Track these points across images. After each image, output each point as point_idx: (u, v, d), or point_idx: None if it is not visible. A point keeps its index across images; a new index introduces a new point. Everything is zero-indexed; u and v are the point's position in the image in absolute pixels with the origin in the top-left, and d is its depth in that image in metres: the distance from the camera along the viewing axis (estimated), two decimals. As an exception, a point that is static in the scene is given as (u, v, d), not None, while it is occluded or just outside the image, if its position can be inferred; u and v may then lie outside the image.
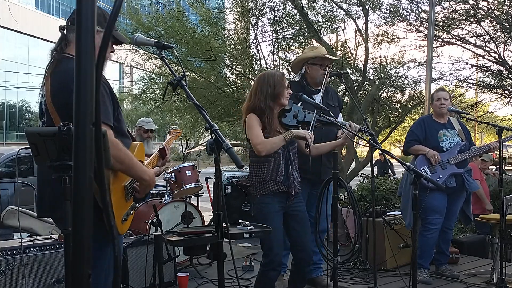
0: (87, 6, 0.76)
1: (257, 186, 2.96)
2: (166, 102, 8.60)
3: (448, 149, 4.10)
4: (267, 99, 2.93)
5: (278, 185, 2.93)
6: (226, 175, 6.26)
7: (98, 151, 0.79)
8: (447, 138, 4.14)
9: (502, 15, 7.67)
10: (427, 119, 4.29)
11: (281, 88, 2.96)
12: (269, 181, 2.92)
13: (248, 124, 2.94)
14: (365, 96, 7.60)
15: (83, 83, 0.76)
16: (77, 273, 0.77)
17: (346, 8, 7.38)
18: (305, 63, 3.83)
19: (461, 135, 4.20)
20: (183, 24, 7.63)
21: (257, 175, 2.97)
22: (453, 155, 4.08)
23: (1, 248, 3.17)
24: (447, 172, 4.05)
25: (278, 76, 3.02)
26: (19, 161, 7.37)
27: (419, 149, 4.15)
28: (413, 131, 4.27)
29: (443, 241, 4.23)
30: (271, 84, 2.96)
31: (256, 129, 2.90)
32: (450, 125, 4.24)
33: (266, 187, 2.93)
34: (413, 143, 4.19)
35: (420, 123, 4.27)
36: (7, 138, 30.52)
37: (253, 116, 2.93)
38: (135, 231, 4.27)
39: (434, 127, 4.19)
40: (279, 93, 2.95)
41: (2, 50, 30.39)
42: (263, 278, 2.98)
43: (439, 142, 4.12)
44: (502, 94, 9.00)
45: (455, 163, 4.06)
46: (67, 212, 1.54)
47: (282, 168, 2.94)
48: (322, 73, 3.77)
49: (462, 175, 4.11)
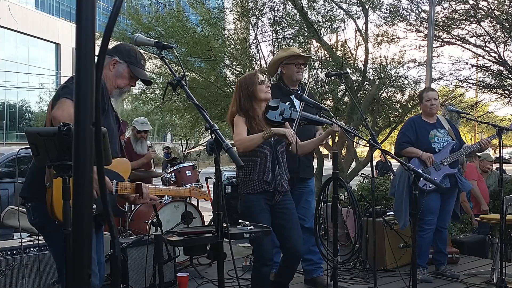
0: (87, 6, 0.76)
1: (244, 185, 3.00)
2: (166, 102, 8.59)
3: (440, 150, 4.10)
4: (245, 101, 3.03)
5: (266, 184, 2.96)
6: (226, 175, 6.26)
7: (98, 151, 0.79)
8: (438, 138, 4.14)
9: (502, 15, 7.67)
10: (417, 120, 4.25)
11: (253, 85, 3.03)
12: (257, 180, 2.96)
13: (234, 124, 3.03)
14: (365, 96, 7.59)
15: (83, 83, 0.76)
16: (77, 273, 0.77)
17: (346, 8, 7.37)
18: (280, 64, 3.84)
19: (451, 133, 4.20)
20: (183, 24, 7.63)
21: (243, 174, 3.01)
22: (446, 156, 4.08)
23: (1, 248, 3.18)
24: (442, 173, 4.06)
25: (249, 76, 3.13)
26: (19, 161, 7.36)
27: (412, 151, 4.12)
28: (404, 132, 4.21)
29: (440, 240, 4.24)
30: (243, 86, 3.06)
31: (238, 128, 2.97)
32: (439, 124, 4.23)
33: (253, 186, 2.96)
34: (405, 145, 4.14)
35: (411, 124, 4.22)
36: (7, 138, 30.51)
37: (239, 118, 3.01)
38: (135, 231, 4.27)
39: (425, 127, 4.17)
40: (253, 90, 3.03)
41: (2, 50, 30.38)
42: (256, 274, 3.03)
43: (431, 143, 4.11)
44: (502, 94, 8.99)
45: (448, 164, 4.07)
46: (67, 212, 1.54)
47: (269, 167, 2.97)
48: (298, 71, 3.79)
49: (455, 175, 4.14)
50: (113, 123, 2.35)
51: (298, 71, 3.79)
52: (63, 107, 1.98)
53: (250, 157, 2.98)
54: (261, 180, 2.96)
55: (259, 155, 2.98)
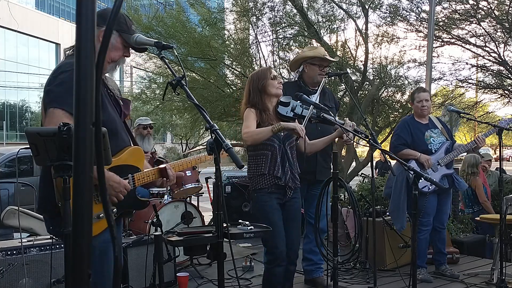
0: (87, 6, 0.76)
1: (255, 180, 2.98)
2: (166, 102, 8.58)
3: (436, 151, 4.11)
4: (254, 95, 3.02)
5: (276, 179, 2.94)
6: (226, 175, 6.27)
7: (98, 151, 0.79)
8: (433, 139, 4.14)
9: (502, 15, 7.67)
10: (411, 121, 4.23)
11: (265, 80, 3.02)
12: (267, 175, 2.94)
13: (244, 117, 3.01)
14: (365, 96, 7.59)
15: (83, 83, 0.76)
16: (77, 273, 0.77)
17: (346, 8, 7.37)
18: (304, 62, 3.82)
19: (444, 133, 4.20)
20: (183, 24, 7.62)
21: (254, 169, 2.99)
22: (442, 156, 4.10)
23: (1, 248, 3.18)
24: (439, 174, 4.07)
25: (262, 70, 3.13)
26: (19, 161, 7.37)
27: (409, 153, 4.09)
28: (399, 134, 4.18)
29: (439, 240, 4.24)
30: (255, 79, 3.06)
31: (248, 121, 2.96)
32: (432, 124, 4.23)
33: (264, 181, 2.94)
34: (401, 147, 4.12)
35: (405, 126, 4.19)
36: (7, 138, 30.49)
37: (250, 110, 3.00)
38: (135, 231, 4.27)
39: (419, 128, 4.16)
40: (264, 85, 3.02)
41: (2, 50, 30.36)
42: (270, 275, 2.99)
43: (427, 145, 4.11)
44: (502, 94, 9.00)
45: (444, 164, 4.08)
46: (67, 212, 1.54)
47: (279, 162, 2.95)
48: (320, 73, 3.76)
49: (452, 175, 4.16)
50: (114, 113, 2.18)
51: (321, 73, 3.76)
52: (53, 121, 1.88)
53: (261, 150, 2.96)
54: (271, 175, 2.94)
55: (270, 149, 2.95)
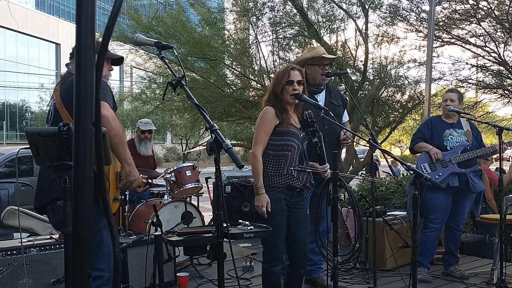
0: (87, 6, 0.76)
1: (271, 179, 2.91)
2: (166, 102, 8.59)
3: (452, 148, 4.11)
4: (275, 96, 2.95)
5: (294, 180, 2.90)
6: (226, 175, 6.26)
7: (98, 151, 0.79)
8: (452, 137, 4.15)
9: (502, 15, 7.67)
10: (435, 119, 4.33)
11: (280, 85, 2.92)
12: (286, 175, 2.89)
13: (260, 116, 2.93)
14: (365, 96, 7.60)
15: (83, 83, 0.76)
16: (77, 273, 0.77)
17: (346, 8, 7.38)
18: (304, 64, 3.82)
19: (469, 135, 4.18)
20: (183, 24, 7.63)
21: (273, 169, 2.91)
22: (456, 154, 4.07)
23: (1, 248, 3.17)
24: (448, 170, 4.04)
25: (282, 72, 2.99)
26: (19, 161, 7.37)
27: (422, 146, 4.18)
28: (419, 129, 4.33)
29: (451, 241, 4.21)
30: (275, 81, 2.99)
31: (261, 132, 2.89)
32: (458, 125, 4.23)
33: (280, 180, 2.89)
34: (418, 140, 4.22)
35: (428, 122, 4.34)
36: (7, 138, 30.50)
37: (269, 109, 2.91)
38: (135, 231, 4.27)
39: (441, 126, 4.21)
40: (276, 91, 2.93)
41: (2, 50, 30.36)
42: (268, 275, 2.96)
43: (443, 141, 4.13)
44: (502, 94, 9.00)
45: (456, 163, 4.06)
46: (67, 212, 1.54)
47: (297, 163, 2.92)
48: (322, 72, 3.76)
49: (467, 175, 4.06)
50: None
51: (323, 73, 3.74)
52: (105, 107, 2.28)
53: (282, 151, 2.90)
54: (289, 174, 2.89)
55: (290, 149, 2.90)
